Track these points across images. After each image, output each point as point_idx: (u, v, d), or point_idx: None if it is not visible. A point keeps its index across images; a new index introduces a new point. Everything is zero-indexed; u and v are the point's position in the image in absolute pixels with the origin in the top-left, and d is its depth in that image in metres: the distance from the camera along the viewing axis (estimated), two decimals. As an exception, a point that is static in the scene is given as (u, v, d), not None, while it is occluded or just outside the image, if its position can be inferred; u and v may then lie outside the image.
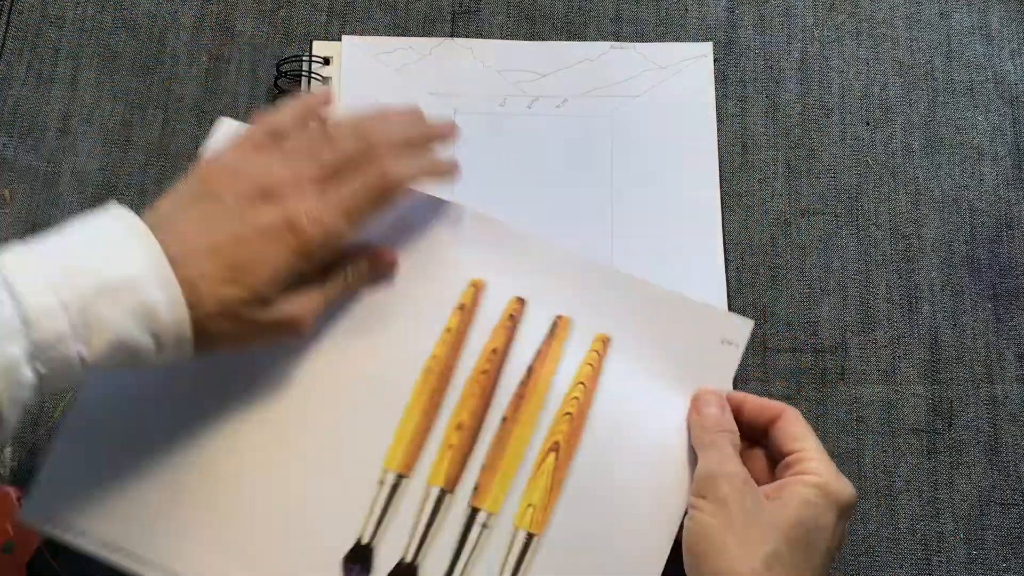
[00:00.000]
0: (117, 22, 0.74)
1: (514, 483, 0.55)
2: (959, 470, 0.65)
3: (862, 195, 0.70)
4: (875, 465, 0.65)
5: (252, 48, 0.74)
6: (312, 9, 0.75)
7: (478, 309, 0.58)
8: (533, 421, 0.56)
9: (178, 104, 0.72)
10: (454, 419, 0.56)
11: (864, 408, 0.66)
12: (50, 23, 0.74)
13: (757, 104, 0.72)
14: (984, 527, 0.64)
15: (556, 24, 0.74)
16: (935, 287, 0.68)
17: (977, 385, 0.66)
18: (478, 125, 0.70)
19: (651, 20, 0.74)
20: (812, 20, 0.75)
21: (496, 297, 0.58)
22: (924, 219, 0.70)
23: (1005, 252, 0.69)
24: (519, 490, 0.55)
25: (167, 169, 0.71)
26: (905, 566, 0.63)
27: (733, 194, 0.70)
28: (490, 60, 0.72)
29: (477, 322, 0.58)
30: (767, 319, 0.67)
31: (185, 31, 0.74)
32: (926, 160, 0.71)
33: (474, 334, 0.58)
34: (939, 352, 0.67)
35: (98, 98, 0.72)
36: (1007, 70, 0.73)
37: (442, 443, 0.56)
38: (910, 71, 0.73)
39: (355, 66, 0.72)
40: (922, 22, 0.75)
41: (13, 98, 0.72)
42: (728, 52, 0.74)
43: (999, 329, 0.67)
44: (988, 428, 0.65)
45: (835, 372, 0.67)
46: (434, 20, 0.74)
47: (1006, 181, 0.71)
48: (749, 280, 0.68)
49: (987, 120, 0.72)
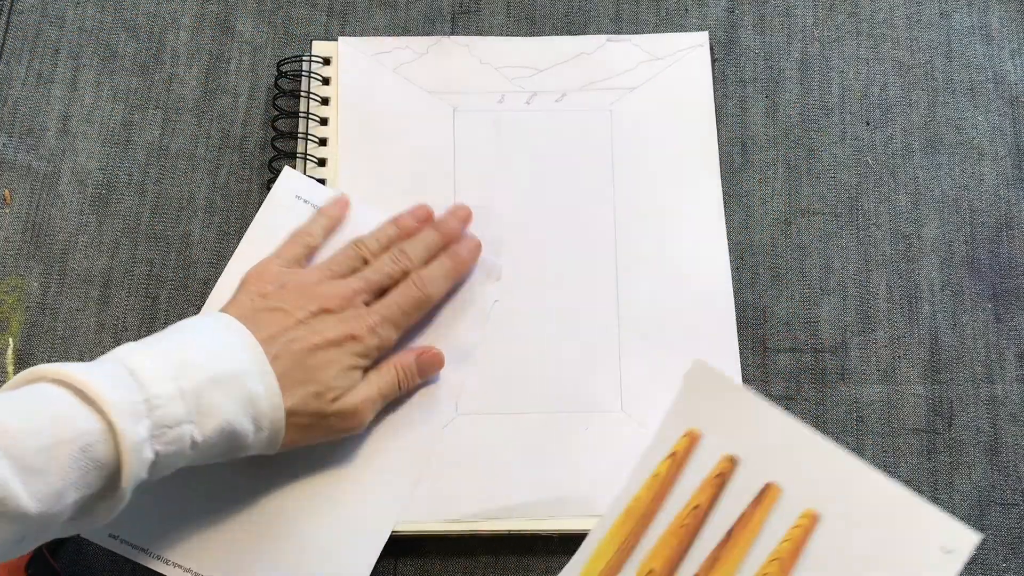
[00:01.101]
0: (117, 22, 0.74)
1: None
2: (959, 470, 0.65)
3: (862, 195, 0.70)
4: (875, 465, 0.64)
5: (252, 48, 0.74)
6: (312, 9, 0.75)
7: (689, 460, 0.57)
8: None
9: (178, 104, 0.72)
10: (646, 565, 0.56)
11: (864, 408, 0.66)
12: (50, 23, 0.74)
13: (757, 104, 0.72)
14: (984, 527, 0.63)
15: (556, 24, 0.74)
16: (935, 287, 0.68)
17: (977, 385, 0.66)
18: (477, 122, 0.70)
19: (651, 20, 0.74)
20: (812, 20, 0.75)
21: (708, 451, 0.57)
22: (924, 219, 0.70)
23: (1005, 252, 0.69)
24: None
25: (167, 169, 0.71)
26: (905, 566, 0.63)
27: (733, 194, 0.70)
28: (487, 57, 0.72)
29: (685, 474, 0.57)
30: (767, 319, 0.67)
31: (185, 31, 0.74)
32: (926, 160, 0.71)
33: (681, 485, 0.57)
34: (939, 352, 0.67)
35: (98, 98, 0.72)
36: (1007, 70, 0.73)
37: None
38: (910, 71, 0.73)
39: (352, 67, 0.72)
40: (922, 22, 0.75)
41: (13, 98, 0.72)
42: (728, 52, 0.74)
43: (999, 329, 0.67)
44: (988, 428, 0.65)
45: (835, 372, 0.67)
46: (434, 20, 0.74)
47: (1006, 181, 0.71)
48: (749, 280, 0.68)
49: (987, 120, 0.72)
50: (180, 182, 0.70)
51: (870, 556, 0.54)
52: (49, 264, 0.68)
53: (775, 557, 0.55)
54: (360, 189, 0.68)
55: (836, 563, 0.54)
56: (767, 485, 0.56)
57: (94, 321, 0.67)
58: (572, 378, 0.65)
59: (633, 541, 0.56)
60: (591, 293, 0.67)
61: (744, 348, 0.66)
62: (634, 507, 0.56)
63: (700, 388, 0.58)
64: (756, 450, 0.57)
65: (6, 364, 0.66)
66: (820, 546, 0.55)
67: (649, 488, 0.57)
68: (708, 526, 0.56)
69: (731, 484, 0.56)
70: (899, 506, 0.54)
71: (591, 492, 0.62)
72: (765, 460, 0.56)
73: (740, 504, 0.56)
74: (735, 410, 0.57)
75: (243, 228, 0.67)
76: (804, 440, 0.56)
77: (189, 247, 0.69)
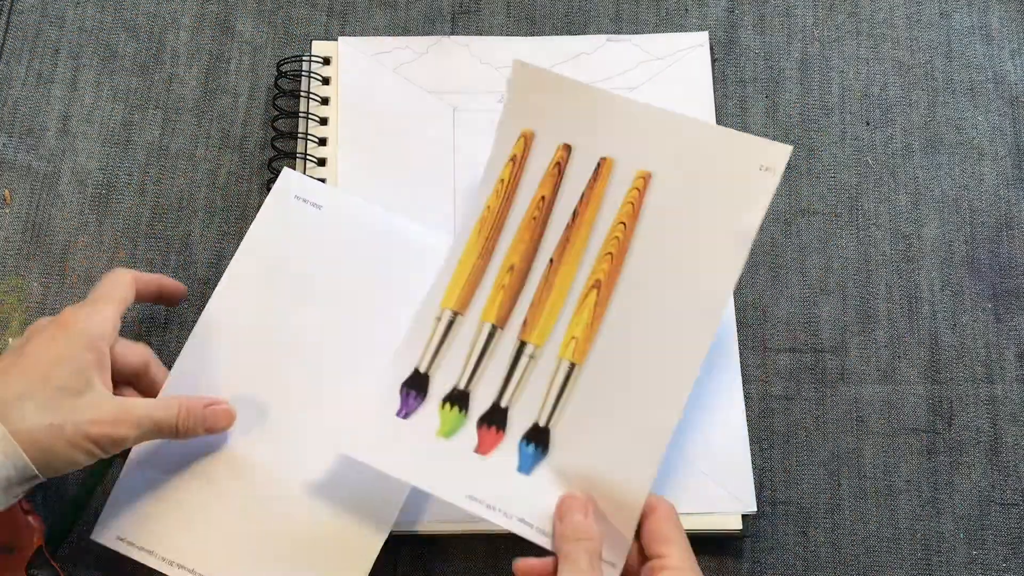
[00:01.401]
0: (117, 22, 0.74)
1: (559, 319, 0.60)
2: (959, 470, 0.65)
3: (862, 195, 0.70)
4: (875, 465, 0.65)
5: (252, 48, 0.74)
6: (312, 9, 0.75)
7: (529, 159, 0.63)
8: (577, 261, 0.61)
9: (178, 104, 0.72)
10: (506, 262, 0.62)
11: (864, 408, 0.66)
12: (50, 23, 0.74)
13: (757, 104, 0.72)
14: (984, 527, 0.63)
15: (556, 24, 0.74)
16: (935, 287, 0.68)
17: (977, 385, 0.66)
18: (476, 122, 0.70)
19: (651, 20, 0.74)
20: (812, 20, 0.75)
21: (544, 146, 0.63)
22: (924, 219, 0.70)
23: (1005, 252, 0.69)
24: (563, 325, 0.60)
25: (167, 169, 0.71)
26: (905, 566, 0.63)
27: (733, 194, 0.70)
28: (487, 57, 0.72)
29: (527, 172, 0.63)
30: (767, 319, 0.67)
31: (185, 31, 0.74)
32: (926, 160, 0.71)
33: (525, 183, 0.62)
34: (939, 352, 0.67)
35: (98, 98, 0.72)
36: (1007, 70, 0.73)
37: (495, 284, 0.61)
38: (910, 71, 0.73)
39: (352, 67, 0.72)
40: (922, 22, 0.75)
41: (13, 98, 0.72)
42: (728, 52, 0.74)
43: (999, 329, 0.67)
44: (988, 428, 0.65)
45: (835, 372, 0.67)
46: (434, 20, 0.74)
47: (1006, 181, 0.71)
48: (749, 280, 0.68)
49: (987, 120, 0.72)
50: (180, 182, 0.70)
51: (700, 194, 0.60)
52: (49, 264, 0.68)
53: (619, 220, 0.61)
54: (360, 189, 0.68)
55: (673, 209, 0.60)
56: (601, 160, 0.62)
57: (94, 321, 0.67)
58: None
59: (492, 245, 0.62)
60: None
61: (744, 348, 0.66)
62: (487, 216, 0.63)
63: (525, 87, 0.63)
64: (586, 132, 0.62)
65: (6, 364, 0.66)
66: (657, 199, 0.61)
67: (497, 194, 0.63)
68: (556, 213, 0.62)
69: (569, 169, 0.62)
70: (717, 141, 0.60)
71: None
72: (595, 138, 0.62)
73: (580, 185, 0.62)
74: (560, 99, 0.63)
75: (243, 228, 0.67)
76: (627, 109, 0.62)
77: (189, 247, 0.69)
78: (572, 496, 0.56)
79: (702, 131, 0.61)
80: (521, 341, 0.60)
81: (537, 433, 0.58)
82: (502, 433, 0.59)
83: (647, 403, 0.57)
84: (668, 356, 0.58)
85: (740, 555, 0.63)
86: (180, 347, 0.63)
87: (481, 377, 0.60)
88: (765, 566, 0.63)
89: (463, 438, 0.59)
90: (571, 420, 0.58)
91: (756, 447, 0.64)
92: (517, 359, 0.60)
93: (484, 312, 0.61)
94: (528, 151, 0.63)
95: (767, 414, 0.65)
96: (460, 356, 0.60)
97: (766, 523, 0.63)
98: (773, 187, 0.58)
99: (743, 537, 0.62)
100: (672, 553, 0.53)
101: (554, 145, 0.62)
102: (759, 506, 0.62)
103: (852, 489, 0.64)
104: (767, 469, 0.64)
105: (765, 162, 0.59)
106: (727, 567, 0.62)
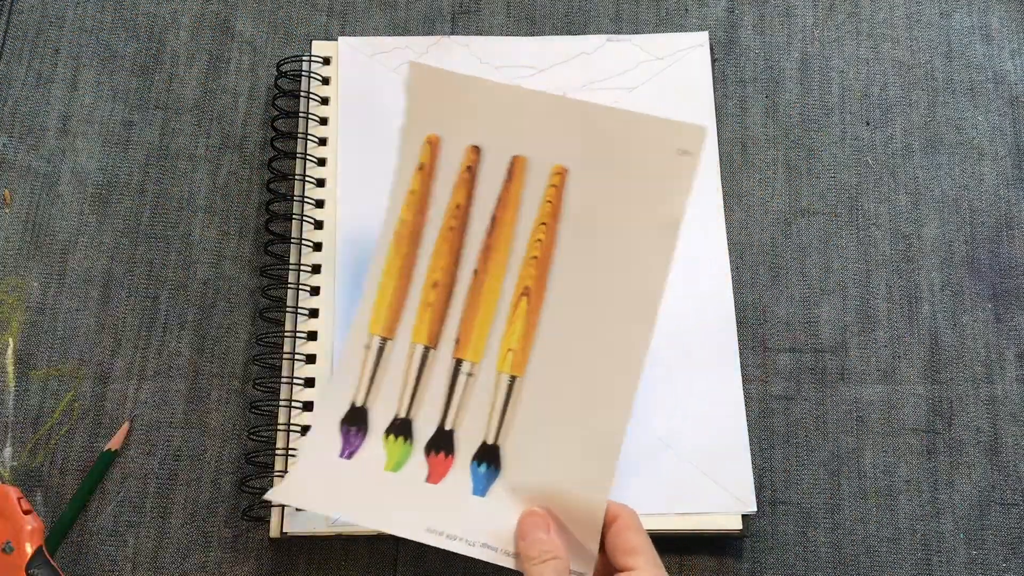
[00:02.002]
0: (117, 22, 0.74)
1: (492, 331, 0.57)
2: (959, 470, 0.65)
3: (862, 195, 0.70)
4: (875, 465, 0.65)
5: (252, 48, 0.74)
6: (312, 9, 0.75)
7: (437, 166, 0.59)
8: (502, 269, 0.58)
9: (178, 104, 0.72)
10: (429, 278, 0.58)
11: (864, 408, 0.66)
12: (50, 23, 0.74)
13: (757, 104, 0.72)
14: (984, 527, 0.63)
15: (556, 24, 0.74)
16: (935, 287, 0.68)
17: (977, 385, 0.66)
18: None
19: (651, 20, 0.74)
20: (812, 20, 0.75)
21: (452, 150, 0.59)
22: (924, 219, 0.70)
23: (1005, 252, 0.69)
24: (498, 337, 0.57)
25: (167, 169, 0.71)
26: (905, 566, 0.63)
27: (733, 194, 0.70)
28: (487, 57, 0.72)
29: (438, 179, 0.59)
30: (767, 319, 0.67)
31: (185, 31, 0.74)
32: (926, 160, 0.71)
33: (437, 191, 0.59)
34: (939, 352, 0.67)
35: (98, 98, 0.72)
36: (1007, 70, 0.73)
37: (420, 302, 0.58)
38: (910, 71, 0.73)
39: (352, 68, 0.72)
40: (922, 22, 0.75)
41: (13, 98, 0.72)
42: (728, 52, 0.74)
43: (999, 329, 0.67)
44: (988, 428, 0.65)
45: (835, 372, 0.67)
46: (434, 20, 0.74)
47: (1006, 181, 0.71)
48: (749, 280, 0.68)
49: (987, 120, 0.72)
50: (180, 182, 0.70)
51: (620, 185, 0.57)
52: (49, 264, 0.68)
53: (540, 221, 0.58)
54: (360, 189, 0.68)
55: (594, 204, 0.57)
56: (513, 159, 0.58)
57: (94, 321, 0.67)
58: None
59: (411, 261, 0.59)
60: (591, 293, 0.67)
61: (744, 348, 0.66)
62: (402, 231, 0.59)
63: (424, 89, 0.59)
64: (493, 130, 0.58)
65: (6, 364, 0.66)
66: (576, 194, 0.57)
67: (410, 206, 0.59)
68: (473, 220, 0.59)
69: (481, 172, 0.59)
70: (629, 127, 0.57)
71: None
72: (504, 137, 0.58)
73: (495, 188, 0.58)
74: (463, 98, 0.59)
75: (243, 228, 0.67)
76: (533, 102, 0.58)
77: (189, 247, 0.69)
78: (532, 513, 0.54)
79: (613, 118, 0.58)
80: (456, 359, 0.58)
81: (487, 452, 0.56)
82: (451, 457, 0.57)
83: (595, 409, 0.55)
84: (610, 358, 0.56)
85: (740, 555, 0.63)
86: (180, 348, 0.63)
87: (421, 402, 0.58)
88: (765, 566, 0.63)
89: (412, 468, 0.57)
90: (520, 434, 0.56)
91: (756, 447, 0.64)
92: (455, 378, 0.58)
93: (414, 333, 0.58)
94: (436, 157, 0.59)
95: (767, 414, 0.65)
96: (396, 383, 0.58)
97: (766, 523, 0.63)
98: (694, 172, 0.55)
99: (743, 537, 0.62)
100: (639, 564, 0.51)
101: (462, 148, 0.59)
102: (759, 506, 0.62)
103: (852, 489, 0.64)
104: (767, 469, 0.64)
105: (682, 145, 0.56)
106: (727, 567, 0.62)
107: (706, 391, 0.64)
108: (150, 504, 0.63)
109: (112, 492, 0.63)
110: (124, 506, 0.63)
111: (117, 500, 0.63)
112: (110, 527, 0.62)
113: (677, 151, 0.56)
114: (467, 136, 0.59)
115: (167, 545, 0.62)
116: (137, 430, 0.65)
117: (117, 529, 0.62)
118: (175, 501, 0.63)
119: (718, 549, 0.62)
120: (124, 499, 0.63)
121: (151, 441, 0.64)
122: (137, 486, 0.63)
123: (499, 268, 0.58)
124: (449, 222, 0.59)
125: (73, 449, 0.64)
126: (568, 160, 0.58)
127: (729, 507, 0.62)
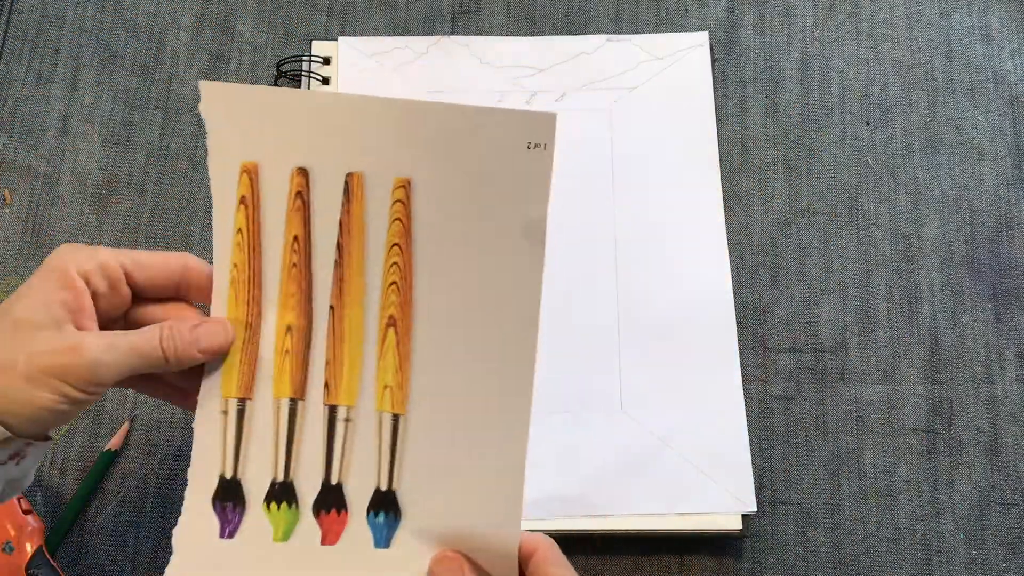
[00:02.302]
0: (117, 22, 0.74)
1: (363, 369, 0.52)
2: (959, 470, 0.65)
3: (862, 195, 0.70)
4: (875, 465, 0.65)
5: (252, 48, 0.74)
6: (312, 9, 0.75)
7: (262, 197, 0.52)
8: (360, 300, 0.52)
9: (178, 104, 0.72)
10: (280, 324, 0.52)
11: (864, 408, 0.66)
12: (50, 23, 0.74)
13: (757, 104, 0.72)
14: (984, 527, 0.63)
15: (556, 24, 0.74)
16: (935, 287, 0.68)
17: (977, 385, 0.66)
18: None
19: (651, 20, 0.74)
20: (812, 20, 0.75)
21: (275, 176, 0.52)
22: (924, 219, 0.70)
23: (1005, 252, 0.69)
24: (371, 375, 0.52)
25: (167, 169, 0.71)
26: (905, 566, 0.63)
27: (733, 194, 0.70)
28: (487, 57, 0.72)
29: (266, 212, 0.52)
30: (767, 319, 0.67)
31: (185, 31, 0.74)
32: (926, 160, 0.71)
33: (268, 226, 0.52)
34: (939, 352, 0.67)
35: (98, 98, 0.72)
36: (1007, 70, 0.73)
37: (276, 351, 0.52)
38: (910, 71, 0.73)
39: (352, 68, 0.72)
40: (922, 22, 0.75)
41: (13, 98, 0.72)
42: (728, 52, 0.74)
43: (999, 329, 0.67)
44: (988, 428, 0.65)
45: (835, 372, 0.67)
46: (434, 20, 0.74)
47: (1006, 181, 0.71)
48: (749, 280, 0.68)
49: (987, 120, 0.72)
50: (180, 182, 0.70)
51: (471, 191, 0.51)
52: (49, 264, 0.68)
53: (392, 242, 0.52)
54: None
55: (448, 215, 0.51)
56: (348, 177, 0.51)
57: (94, 321, 0.67)
58: (571, 378, 0.65)
59: (255, 309, 0.52)
60: (591, 293, 0.67)
61: (744, 348, 0.66)
62: (237, 277, 0.52)
63: (225, 112, 0.51)
64: (319, 148, 0.51)
65: (6, 364, 0.66)
66: (426, 207, 0.51)
67: (240, 248, 0.52)
68: (317, 252, 0.52)
69: (314, 197, 0.52)
70: (474, 122, 0.50)
71: (590, 492, 0.62)
72: (334, 153, 0.51)
73: (334, 213, 0.52)
74: (275, 117, 0.51)
75: (243, 228, 0.67)
76: (360, 109, 0.51)
77: (189, 247, 0.69)
78: (444, 557, 0.50)
79: (452, 116, 0.51)
80: (330, 406, 0.52)
81: (383, 499, 0.51)
82: (345, 513, 0.51)
83: (489, 436, 0.51)
84: (495, 380, 0.51)
85: (740, 555, 0.63)
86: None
87: (299, 460, 0.52)
88: (765, 566, 0.63)
89: (303, 534, 0.51)
90: (414, 475, 0.51)
91: (756, 447, 0.64)
92: (332, 427, 0.52)
93: (275, 387, 0.52)
94: (257, 188, 0.52)
95: (767, 414, 0.65)
96: (266, 445, 0.52)
97: (766, 523, 0.63)
98: (549, 165, 0.50)
99: (743, 537, 0.62)
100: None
101: (287, 173, 0.51)
102: (759, 506, 0.62)
103: (852, 489, 0.64)
104: (767, 469, 0.64)
105: (532, 138, 0.50)
106: (727, 567, 0.62)
107: (706, 391, 0.64)
108: (150, 504, 0.63)
109: (112, 492, 0.63)
110: (124, 506, 0.63)
111: (117, 500, 0.63)
112: (110, 527, 0.62)
113: (528, 144, 0.50)
114: (289, 158, 0.51)
115: (167, 545, 0.62)
116: (137, 430, 0.65)
117: (117, 529, 0.62)
118: (175, 501, 0.63)
119: (718, 549, 0.62)
120: (124, 499, 0.63)
121: (151, 441, 0.64)
122: (137, 486, 0.63)
123: (356, 300, 0.52)
124: (290, 259, 0.52)
125: (73, 449, 0.64)
126: (411, 170, 0.51)
127: (729, 507, 0.62)
